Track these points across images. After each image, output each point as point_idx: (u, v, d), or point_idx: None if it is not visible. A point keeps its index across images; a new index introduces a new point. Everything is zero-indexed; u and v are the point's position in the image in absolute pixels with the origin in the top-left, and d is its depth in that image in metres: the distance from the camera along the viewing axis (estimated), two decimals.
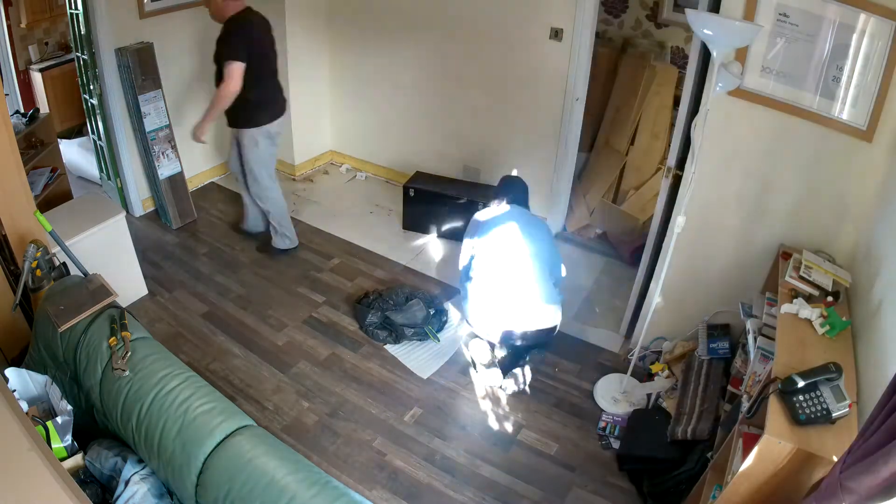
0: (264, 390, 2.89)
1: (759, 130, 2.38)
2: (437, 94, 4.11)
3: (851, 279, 2.15)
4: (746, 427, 1.89)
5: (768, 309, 2.21)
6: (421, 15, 3.91)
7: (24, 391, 1.91)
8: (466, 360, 3.08)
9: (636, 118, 4.02)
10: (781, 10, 2.16)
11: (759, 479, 1.70)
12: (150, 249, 3.78)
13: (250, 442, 1.67)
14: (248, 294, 3.49)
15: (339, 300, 3.46)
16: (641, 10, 4.15)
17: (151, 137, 3.78)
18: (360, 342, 3.19)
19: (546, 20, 3.44)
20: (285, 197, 3.71)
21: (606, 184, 4.09)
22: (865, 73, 2.07)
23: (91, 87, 3.74)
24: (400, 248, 3.92)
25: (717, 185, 2.55)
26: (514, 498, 2.45)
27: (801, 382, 1.66)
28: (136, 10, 3.61)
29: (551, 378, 3.01)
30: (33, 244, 2.11)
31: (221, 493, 1.58)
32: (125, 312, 2.04)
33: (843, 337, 1.93)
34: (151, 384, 1.81)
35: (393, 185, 4.62)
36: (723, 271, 2.71)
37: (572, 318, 3.37)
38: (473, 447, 2.66)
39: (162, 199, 3.96)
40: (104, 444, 1.91)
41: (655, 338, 3.02)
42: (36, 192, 3.40)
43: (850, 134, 2.16)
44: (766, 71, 2.28)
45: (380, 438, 2.68)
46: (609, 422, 2.75)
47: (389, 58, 4.18)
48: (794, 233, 2.44)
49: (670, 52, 4.13)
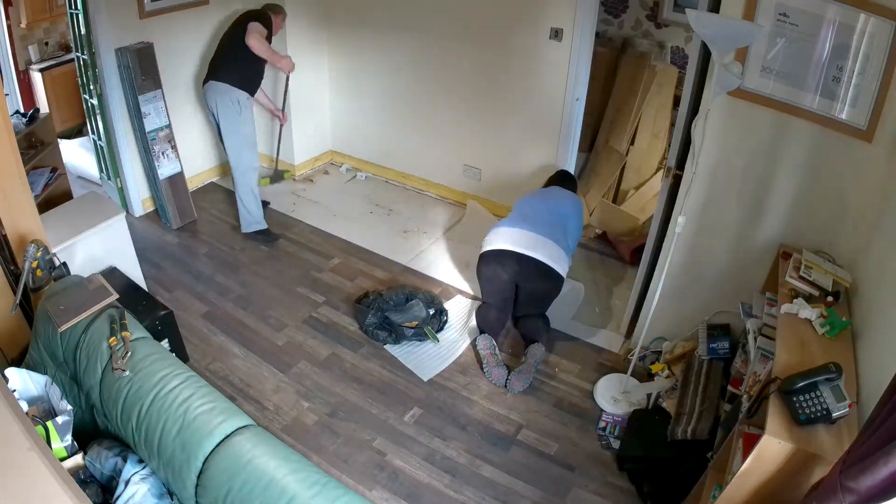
0: (264, 390, 2.89)
1: (759, 130, 2.38)
2: (438, 94, 4.11)
3: (851, 279, 2.15)
4: (746, 427, 1.88)
5: (768, 309, 2.21)
6: (421, 15, 3.91)
7: (24, 391, 1.91)
8: (467, 361, 3.08)
9: (636, 118, 4.02)
10: (781, 10, 2.16)
11: (759, 479, 1.70)
12: (150, 249, 3.78)
13: (250, 442, 1.66)
14: (248, 294, 3.49)
15: (339, 300, 3.46)
16: (641, 10, 4.15)
17: (151, 137, 3.78)
18: (360, 342, 3.19)
19: (546, 20, 3.44)
20: (286, 196, 3.73)
21: (606, 184, 4.10)
22: (865, 73, 2.07)
23: (91, 87, 3.74)
24: (400, 248, 3.92)
25: (717, 185, 2.55)
26: (514, 498, 2.45)
27: (801, 382, 1.65)
28: (136, 10, 3.62)
29: (551, 378, 3.01)
30: (33, 244, 2.10)
31: (221, 493, 1.58)
32: (125, 312, 2.04)
33: (843, 337, 1.93)
34: (151, 384, 1.81)
35: (393, 184, 4.62)
36: (723, 271, 2.71)
37: (572, 318, 3.37)
38: (473, 447, 2.66)
39: (162, 199, 3.96)
40: (104, 444, 1.91)
41: (655, 338, 3.02)
42: (36, 192, 3.40)
43: (849, 134, 2.16)
44: (766, 71, 2.28)
45: (380, 438, 2.68)
46: (609, 422, 2.75)
47: (389, 57, 4.18)
48: (794, 233, 2.44)
49: (670, 52, 4.13)
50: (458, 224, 4.17)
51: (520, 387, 2.90)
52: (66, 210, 3.03)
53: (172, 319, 2.78)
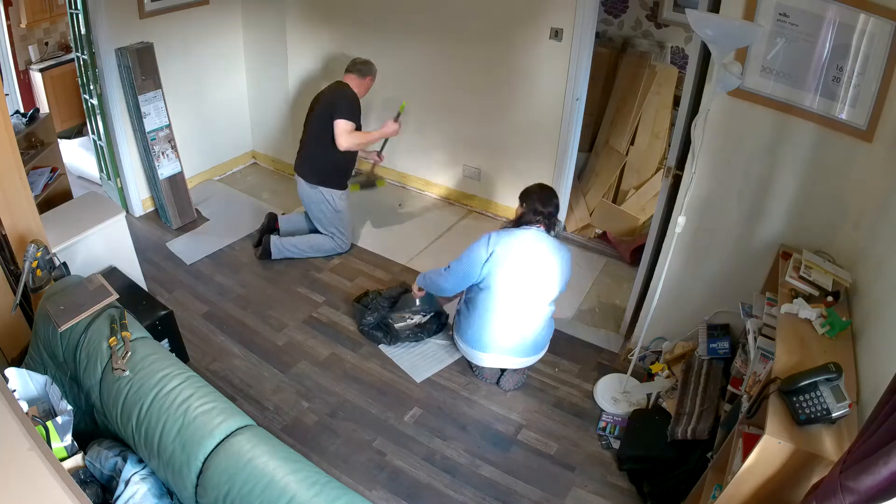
0: (264, 390, 2.89)
1: (760, 130, 2.38)
2: (438, 94, 4.11)
3: (851, 279, 2.15)
4: (746, 427, 1.88)
5: (768, 309, 2.21)
6: (421, 15, 3.91)
7: (24, 391, 1.91)
8: (465, 361, 3.08)
9: (636, 118, 4.02)
10: (781, 10, 2.16)
11: (759, 479, 1.70)
12: (150, 249, 3.78)
13: (250, 442, 1.66)
14: (248, 294, 3.49)
15: (339, 300, 3.46)
16: (641, 10, 4.15)
17: (151, 137, 3.78)
18: (360, 342, 3.19)
19: (546, 20, 3.44)
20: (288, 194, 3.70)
21: (606, 184, 4.09)
22: (865, 73, 2.07)
23: (91, 87, 3.74)
24: (400, 248, 3.92)
25: (717, 185, 2.55)
26: (514, 498, 2.45)
27: (801, 382, 1.66)
28: (136, 10, 3.61)
29: (551, 378, 3.01)
30: (33, 244, 2.10)
31: (221, 493, 1.58)
32: (125, 312, 2.04)
33: (843, 337, 1.93)
34: (151, 384, 1.81)
35: (393, 184, 4.62)
36: (723, 271, 2.71)
37: (572, 318, 3.37)
38: (473, 447, 2.66)
39: (162, 199, 3.96)
40: (104, 444, 1.91)
41: (655, 338, 3.02)
42: (36, 192, 3.40)
43: (850, 134, 2.16)
44: (766, 71, 2.28)
45: (380, 438, 2.68)
46: (609, 422, 2.75)
47: (389, 58, 4.17)
48: (794, 233, 2.44)
49: (670, 52, 4.13)
50: (459, 224, 4.17)
51: (512, 385, 2.89)
52: (66, 210, 3.03)
53: (172, 319, 2.78)
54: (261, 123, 4.67)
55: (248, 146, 4.84)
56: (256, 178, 4.68)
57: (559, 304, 3.14)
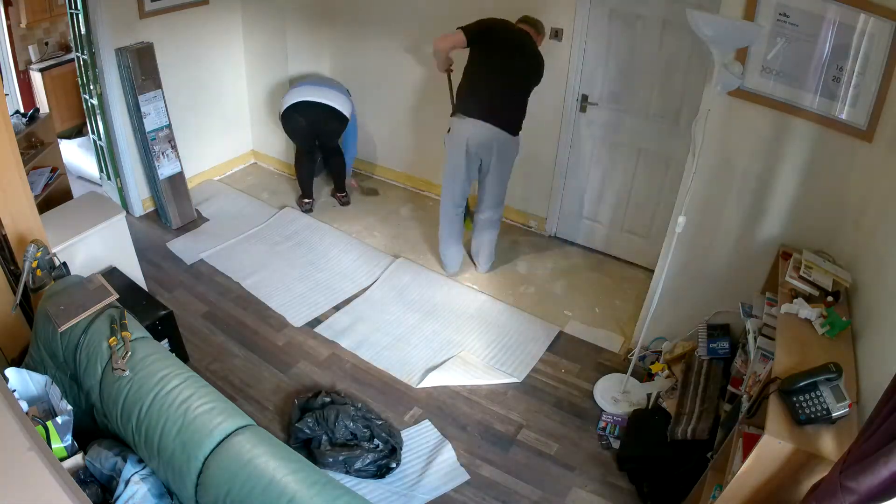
0: (264, 390, 2.89)
1: (760, 130, 2.38)
2: (437, 94, 4.10)
3: (851, 279, 2.15)
4: (746, 427, 1.89)
5: (768, 309, 2.21)
6: (422, 16, 3.91)
7: (24, 391, 1.91)
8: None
9: None
10: (781, 10, 2.16)
11: (759, 479, 1.70)
12: (150, 249, 3.78)
13: (250, 442, 1.66)
14: (248, 294, 3.49)
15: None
16: None
17: (151, 137, 3.78)
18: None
19: (546, 20, 3.44)
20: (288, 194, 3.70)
21: None
22: (865, 73, 2.07)
23: (91, 87, 3.74)
24: (400, 245, 3.92)
25: (717, 184, 2.55)
26: (514, 498, 2.45)
27: (801, 382, 1.66)
28: (136, 10, 3.61)
29: (551, 378, 3.01)
30: (33, 244, 2.10)
31: (221, 493, 1.58)
32: (125, 312, 2.04)
33: (843, 337, 1.93)
34: (151, 384, 1.81)
35: (392, 184, 4.62)
36: (723, 271, 2.71)
37: (573, 318, 3.37)
38: (473, 447, 2.66)
39: (162, 199, 3.96)
40: (104, 444, 1.91)
41: (655, 338, 3.02)
42: (36, 192, 3.40)
43: (850, 134, 2.16)
44: (766, 71, 2.28)
45: None
46: (609, 422, 2.75)
47: (389, 58, 4.17)
48: (794, 233, 2.44)
49: None
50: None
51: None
52: (66, 210, 3.03)
53: (172, 319, 2.78)
54: (261, 123, 4.67)
55: (248, 146, 4.84)
56: (256, 178, 4.68)
57: (565, 307, 3.15)
